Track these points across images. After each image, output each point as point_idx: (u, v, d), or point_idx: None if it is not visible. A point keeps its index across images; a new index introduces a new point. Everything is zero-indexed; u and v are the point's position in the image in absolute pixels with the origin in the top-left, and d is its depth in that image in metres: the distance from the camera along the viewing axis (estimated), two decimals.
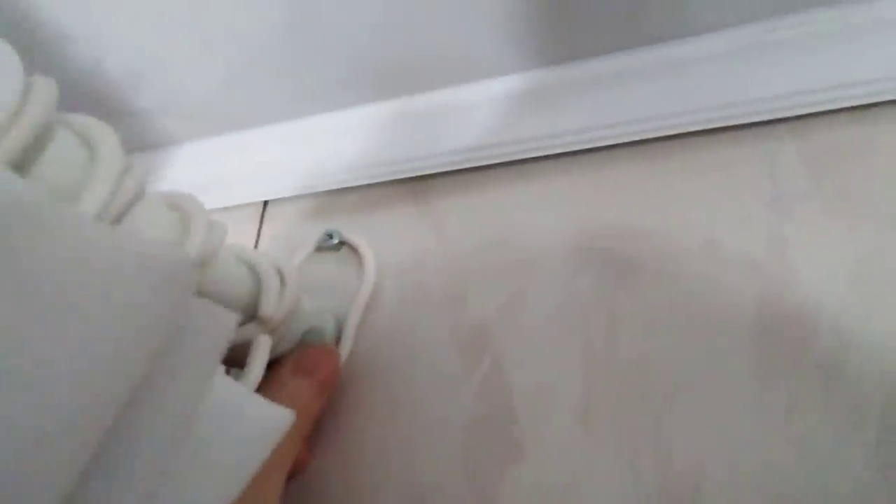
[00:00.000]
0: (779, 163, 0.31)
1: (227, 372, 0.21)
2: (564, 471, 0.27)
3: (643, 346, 0.28)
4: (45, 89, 0.15)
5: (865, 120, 0.30)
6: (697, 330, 0.28)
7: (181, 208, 0.21)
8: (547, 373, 0.29)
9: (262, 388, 0.24)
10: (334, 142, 0.39)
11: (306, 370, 0.28)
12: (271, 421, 0.21)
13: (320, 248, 0.38)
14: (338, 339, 0.34)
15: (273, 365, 0.28)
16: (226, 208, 0.42)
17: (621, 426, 0.27)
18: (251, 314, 0.25)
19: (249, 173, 0.42)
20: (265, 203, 0.42)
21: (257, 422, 0.20)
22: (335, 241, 0.37)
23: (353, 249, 0.37)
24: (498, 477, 0.27)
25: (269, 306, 0.24)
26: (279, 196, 0.41)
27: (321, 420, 0.31)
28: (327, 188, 0.39)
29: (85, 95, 0.39)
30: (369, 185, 0.38)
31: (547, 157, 0.34)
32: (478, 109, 0.35)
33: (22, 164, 0.14)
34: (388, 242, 0.36)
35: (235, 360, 0.23)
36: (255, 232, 0.41)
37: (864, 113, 0.30)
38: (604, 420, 0.27)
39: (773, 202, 0.30)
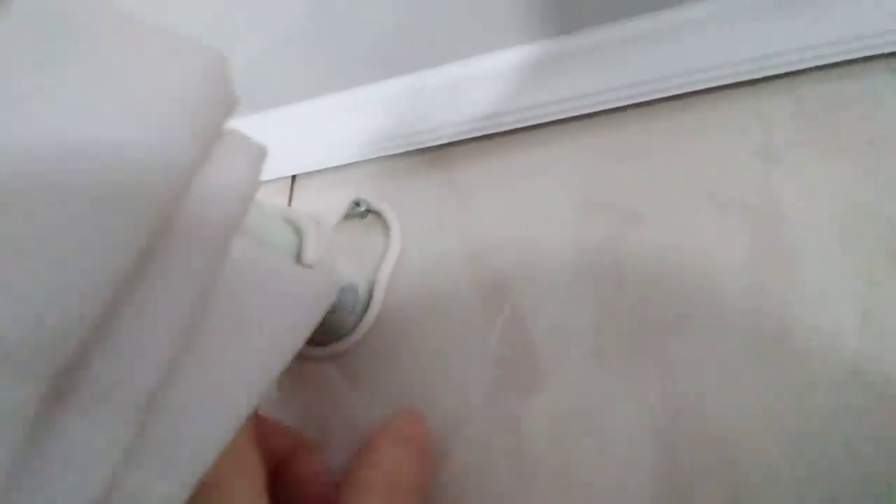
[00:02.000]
0: (772, 117, 0.33)
1: None
2: (581, 398, 0.30)
3: (648, 285, 0.31)
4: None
5: (852, 74, 0.33)
6: (695, 269, 0.30)
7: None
8: (562, 315, 0.32)
9: (361, 457, 0.27)
10: (357, 117, 0.41)
11: (405, 439, 0.28)
12: (315, 286, 0.25)
13: (348, 216, 0.41)
14: (369, 298, 0.37)
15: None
16: None
17: (630, 357, 0.30)
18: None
19: (277, 150, 0.45)
20: (293, 177, 0.45)
21: (300, 285, 0.24)
22: (362, 208, 0.40)
23: (379, 216, 0.40)
24: (520, 407, 0.30)
25: (310, 251, 0.27)
26: (306, 170, 0.44)
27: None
28: (352, 160, 0.42)
29: None
30: (392, 156, 0.41)
31: (557, 122, 0.37)
32: (491, 80, 0.38)
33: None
34: (412, 208, 0.39)
35: None
36: (286, 205, 0.44)
37: (851, 68, 0.33)
38: (615, 353, 0.30)
39: (765, 152, 0.32)
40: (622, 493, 0.28)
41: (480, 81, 0.38)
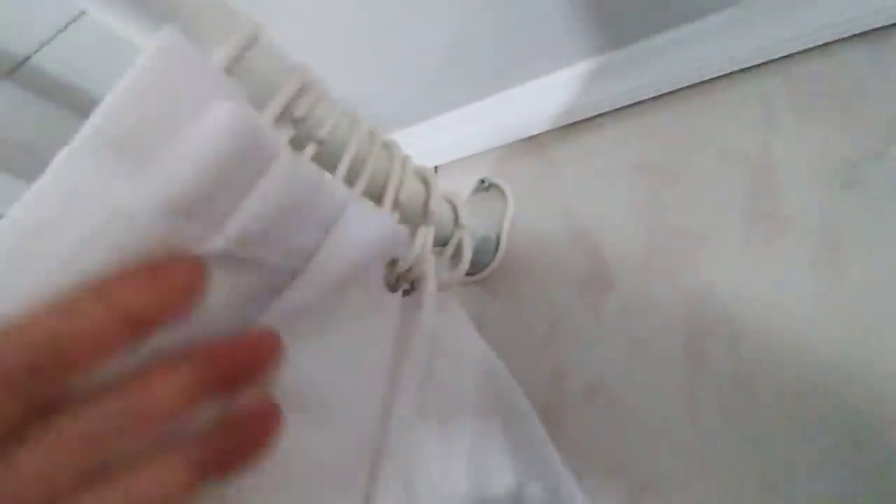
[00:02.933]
0: (770, 92, 0.47)
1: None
2: (643, 296, 0.47)
3: (681, 211, 0.47)
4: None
5: (833, 52, 0.45)
6: (707, 197, 0.46)
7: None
8: (626, 242, 0.49)
9: None
10: (476, 122, 0.60)
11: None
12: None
13: (476, 191, 0.60)
14: (497, 243, 0.56)
15: None
16: None
17: (668, 268, 0.47)
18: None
19: (425, 148, 0.65)
20: (436, 167, 0.65)
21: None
22: (486, 185, 0.59)
23: (499, 188, 0.59)
24: (599, 303, 0.49)
25: (435, 202, 0.46)
26: (445, 161, 0.64)
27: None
28: (476, 152, 0.61)
29: None
30: (503, 146, 0.60)
31: (611, 112, 0.53)
32: (564, 86, 0.54)
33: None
34: (521, 181, 0.58)
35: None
36: None
37: (832, 47, 0.45)
38: (662, 271, 0.47)
39: (764, 119, 0.46)
40: None
41: (558, 87, 0.55)
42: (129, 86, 0.16)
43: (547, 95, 0.55)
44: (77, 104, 0.57)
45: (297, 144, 0.30)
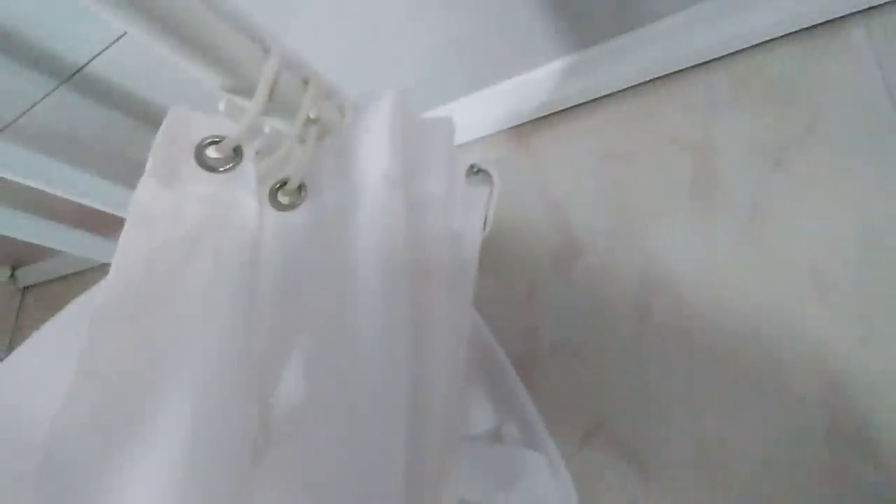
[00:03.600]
0: (714, 85, 0.54)
1: None
2: (605, 263, 0.55)
3: (637, 190, 0.55)
4: None
5: (768, 50, 0.52)
6: (659, 178, 0.54)
7: None
8: (592, 217, 0.57)
9: None
10: (465, 113, 0.68)
11: None
12: None
13: (468, 175, 0.68)
14: (484, 223, 0.65)
15: None
16: None
17: (626, 238, 0.55)
18: None
19: None
20: None
21: None
22: (475, 170, 0.67)
23: (486, 174, 0.67)
24: (569, 269, 0.57)
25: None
26: None
27: None
28: (468, 140, 0.69)
29: None
30: (492, 134, 0.68)
31: (582, 104, 0.60)
32: (544, 80, 0.62)
33: None
34: (505, 166, 0.66)
35: None
36: None
37: (767, 45, 0.52)
38: (622, 241, 0.55)
39: (709, 109, 0.54)
40: None
41: (536, 83, 0.62)
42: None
43: (526, 91, 0.63)
44: (130, 109, 0.67)
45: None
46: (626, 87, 0.58)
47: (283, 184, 0.40)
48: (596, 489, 0.50)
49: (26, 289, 1.37)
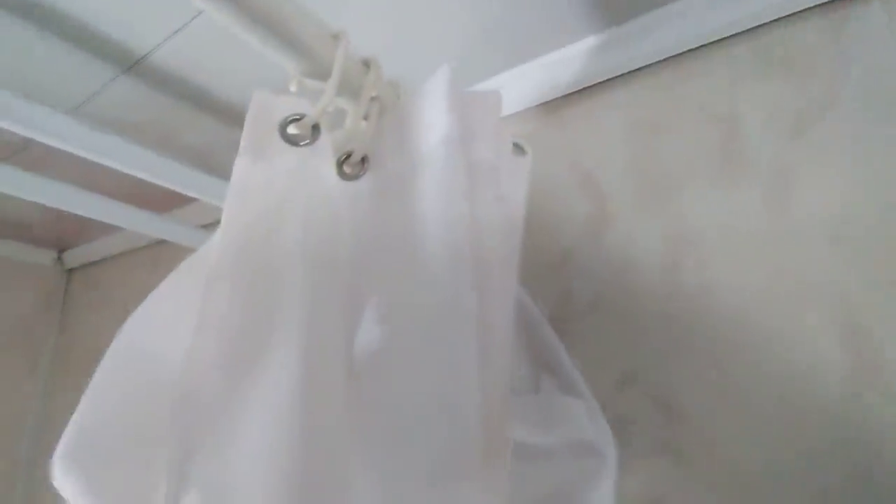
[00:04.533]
0: (737, 57, 0.57)
1: None
2: (636, 227, 0.59)
3: (666, 159, 0.59)
4: None
5: (790, 23, 0.55)
6: (686, 147, 0.57)
7: None
8: (623, 185, 0.61)
9: None
10: (503, 89, 0.72)
11: None
12: None
13: None
14: None
15: None
16: None
17: (655, 204, 0.58)
18: None
19: None
20: None
21: None
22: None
23: (520, 147, 0.71)
24: (601, 234, 0.61)
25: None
26: None
27: None
28: (504, 115, 0.73)
29: None
30: (527, 109, 0.71)
31: (614, 78, 0.64)
32: (575, 57, 0.65)
33: None
34: (539, 139, 0.69)
35: None
36: None
37: (789, 19, 0.55)
38: (651, 207, 0.59)
39: (734, 81, 0.57)
40: None
41: (568, 60, 0.66)
42: None
43: (558, 67, 0.66)
44: (191, 97, 0.72)
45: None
46: (653, 61, 0.61)
47: (348, 156, 0.44)
48: (630, 432, 0.54)
49: (71, 271, 1.43)
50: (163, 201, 1.02)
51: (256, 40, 0.38)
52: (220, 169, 0.69)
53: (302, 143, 0.38)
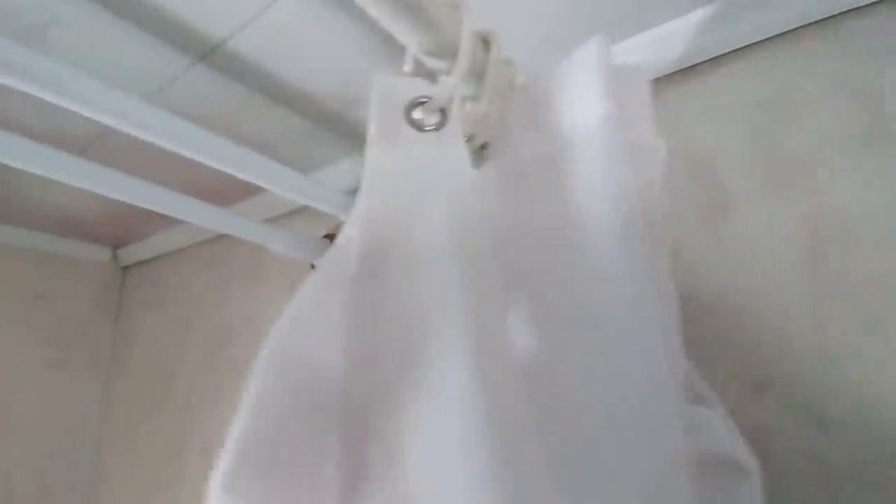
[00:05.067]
0: (871, 28, 0.51)
1: None
2: (763, 217, 0.54)
3: (796, 138, 0.53)
4: None
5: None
6: (822, 124, 0.51)
7: None
8: (744, 171, 0.55)
9: None
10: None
11: None
12: None
13: None
14: None
15: None
16: None
17: (787, 189, 0.53)
18: None
19: None
20: None
21: None
22: None
23: None
24: (720, 226, 0.56)
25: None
26: None
27: None
28: None
29: None
30: None
31: (726, 54, 0.58)
32: (682, 32, 0.60)
33: None
34: None
35: None
36: None
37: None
38: (781, 193, 0.53)
39: (871, 53, 0.51)
40: None
41: (673, 35, 0.60)
42: None
43: (663, 43, 0.61)
44: (266, 87, 0.68)
45: None
46: (773, 34, 0.55)
47: (469, 140, 0.40)
48: (769, 442, 0.49)
49: (126, 268, 1.43)
50: (223, 196, 1.00)
51: (373, 7, 0.34)
52: (286, 161, 0.66)
53: (427, 128, 0.34)
